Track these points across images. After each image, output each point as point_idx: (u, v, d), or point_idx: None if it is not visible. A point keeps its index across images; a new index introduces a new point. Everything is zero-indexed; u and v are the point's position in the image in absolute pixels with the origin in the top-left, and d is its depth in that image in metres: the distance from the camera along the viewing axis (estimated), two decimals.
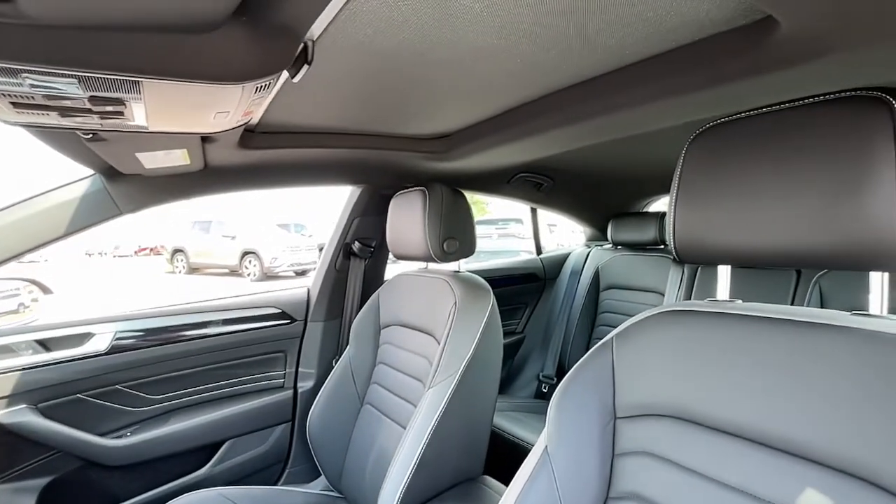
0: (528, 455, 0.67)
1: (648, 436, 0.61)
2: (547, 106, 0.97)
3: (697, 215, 0.60)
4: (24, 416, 1.07)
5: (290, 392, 1.50)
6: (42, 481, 1.13)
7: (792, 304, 1.34)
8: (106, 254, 14.65)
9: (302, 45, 0.59)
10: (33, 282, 1.41)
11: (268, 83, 0.54)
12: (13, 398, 1.07)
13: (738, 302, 0.63)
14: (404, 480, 0.91)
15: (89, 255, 14.66)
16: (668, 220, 0.64)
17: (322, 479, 1.35)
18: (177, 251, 9.97)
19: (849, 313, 0.54)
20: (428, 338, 1.13)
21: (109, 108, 0.51)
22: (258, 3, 0.42)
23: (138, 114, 0.55)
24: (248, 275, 8.77)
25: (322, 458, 1.27)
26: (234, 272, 9.13)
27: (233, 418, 1.37)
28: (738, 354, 0.55)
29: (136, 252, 14.63)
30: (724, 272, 0.67)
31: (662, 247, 1.94)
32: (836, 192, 0.48)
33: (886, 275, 0.53)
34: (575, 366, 0.69)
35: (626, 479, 0.63)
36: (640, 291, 1.92)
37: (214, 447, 1.36)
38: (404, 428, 1.03)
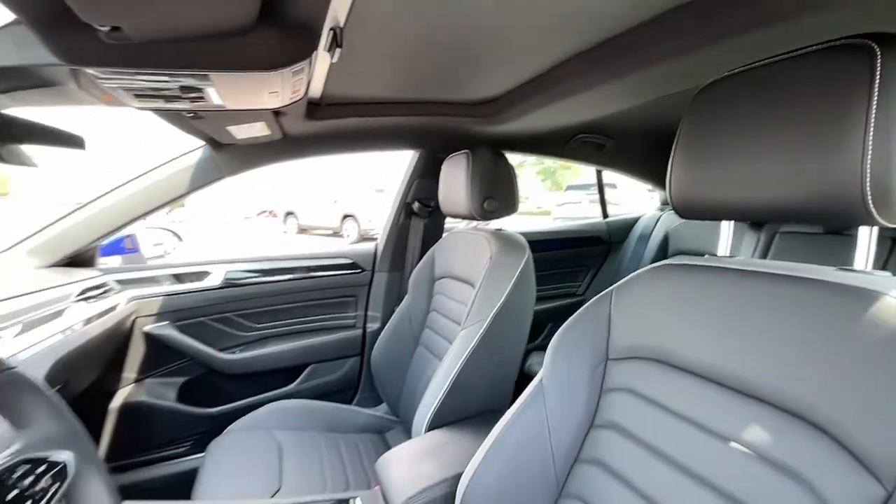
0: (528, 386, 0.77)
1: (632, 375, 0.68)
2: (584, 64, 0.98)
3: (693, 170, 0.61)
4: (167, 331, 1.44)
5: (360, 331, 1.74)
6: (180, 380, 1.51)
7: None
8: (234, 215, 17.01)
9: (331, 32, 0.72)
10: (170, 231, 1.81)
11: (301, 68, 0.68)
12: (160, 316, 1.44)
13: (739, 257, 0.65)
14: (435, 404, 1.06)
15: (224, 214, 17.16)
16: (667, 177, 0.66)
17: (384, 404, 1.59)
18: (288, 214, 11.17)
19: (834, 268, 0.54)
20: (468, 287, 1.25)
21: (193, 95, 0.70)
22: (275, 10, 0.55)
23: (214, 97, 0.74)
24: (347, 236, 9.51)
25: (383, 387, 1.49)
26: (336, 233, 9.90)
27: (314, 347, 1.66)
28: (722, 305, 0.58)
29: (257, 214, 16.75)
30: (725, 227, 0.67)
31: None
32: (816, 144, 0.48)
33: (875, 229, 0.52)
34: (576, 313, 0.76)
35: (608, 410, 0.70)
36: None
37: (300, 369, 1.65)
38: None
